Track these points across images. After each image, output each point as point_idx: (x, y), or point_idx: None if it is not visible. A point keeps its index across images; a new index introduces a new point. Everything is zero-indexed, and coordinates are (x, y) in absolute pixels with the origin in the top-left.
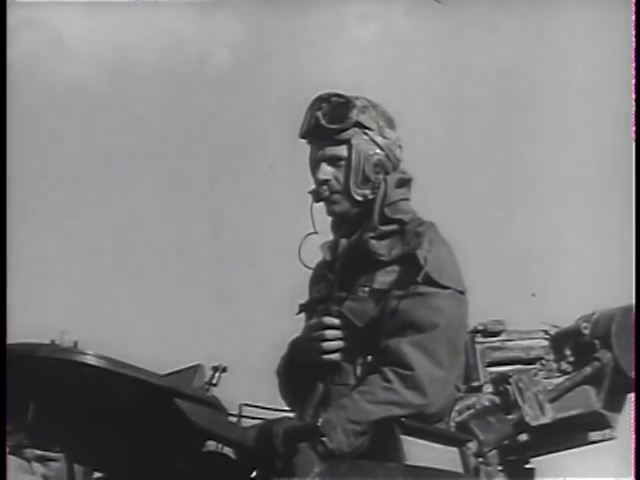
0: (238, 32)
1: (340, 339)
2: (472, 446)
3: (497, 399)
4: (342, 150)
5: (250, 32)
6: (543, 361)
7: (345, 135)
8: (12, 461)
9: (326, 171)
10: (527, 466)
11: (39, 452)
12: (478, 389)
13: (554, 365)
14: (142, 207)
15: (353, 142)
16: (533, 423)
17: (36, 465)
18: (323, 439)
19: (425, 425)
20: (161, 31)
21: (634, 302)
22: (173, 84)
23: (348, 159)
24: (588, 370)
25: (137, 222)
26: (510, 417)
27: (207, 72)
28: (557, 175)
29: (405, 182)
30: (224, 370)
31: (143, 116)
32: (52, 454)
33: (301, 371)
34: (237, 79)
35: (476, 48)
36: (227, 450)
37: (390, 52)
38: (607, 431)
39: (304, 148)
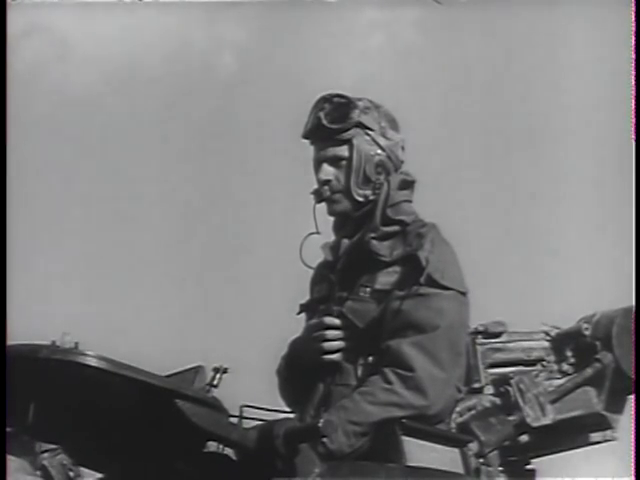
0: (244, 37)
1: (341, 339)
2: (473, 447)
3: (498, 400)
4: (343, 150)
5: (257, 37)
6: (544, 362)
7: (346, 135)
8: (12, 461)
9: (327, 171)
10: (528, 467)
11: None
12: (479, 390)
13: (555, 366)
14: (143, 208)
15: (354, 142)
16: (534, 424)
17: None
18: (324, 440)
19: (426, 426)
20: (167, 35)
21: (634, 303)
22: (179, 88)
23: (349, 159)
24: (589, 371)
25: (138, 223)
26: (511, 418)
27: (213, 76)
28: (557, 176)
29: (408, 184)
30: (225, 371)
31: (148, 119)
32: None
33: (302, 371)
34: (243, 83)
35: (478, 51)
36: (228, 451)
37: (394, 56)
38: (608, 432)
39: (307, 149)
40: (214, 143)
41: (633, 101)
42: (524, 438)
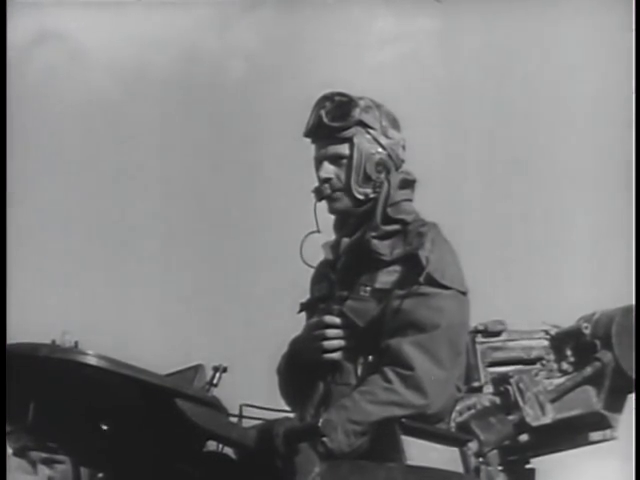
0: (255, 41)
1: (341, 338)
2: (473, 446)
3: (498, 399)
4: (344, 148)
5: (266, 41)
6: (544, 361)
7: (347, 133)
8: (12, 461)
9: (328, 169)
10: (528, 466)
11: (45, 455)
12: (479, 389)
13: (555, 365)
14: (143, 208)
15: (355, 140)
16: (534, 423)
17: (42, 467)
18: (323, 439)
19: (426, 425)
20: (177, 38)
21: (634, 302)
22: (188, 91)
23: (350, 157)
24: (589, 370)
25: (138, 222)
26: (511, 417)
27: (223, 79)
28: (558, 176)
29: (409, 183)
30: (225, 370)
31: (153, 123)
32: (58, 457)
33: (302, 370)
34: (250, 86)
35: (479, 52)
36: (227, 450)
37: (399, 58)
38: (608, 431)
39: (309, 148)
40: (217, 144)
41: (633, 101)
42: (524, 437)
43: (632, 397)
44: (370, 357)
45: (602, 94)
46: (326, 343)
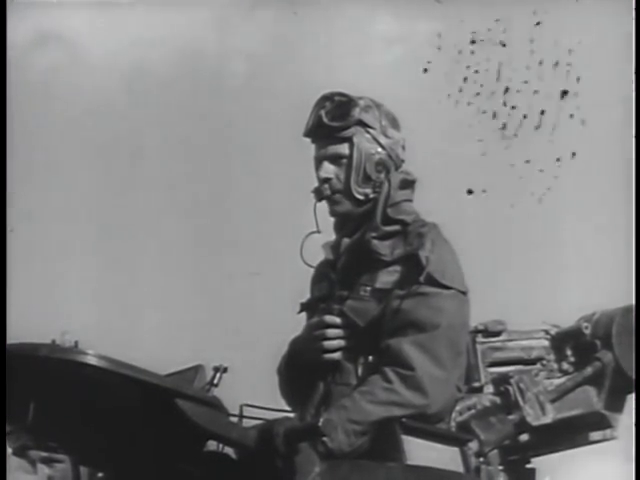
0: (255, 42)
1: (341, 338)
2: (473, 446)
3: (498, 399)
4: (344, 148)
5: (267, 43)
6: (544, 361)
7: (347, 133)
8: (12, 461)
9: (328, 169)
10: (528, 466)
11: (44, 454)
12: (479, 389)
13: (555, 365)
14: (143, 208)
15: (355, 140)
16: (534, 423)
17: (41, 466)
18: (324, 439)
19: (426, 425)
20: (177, 41)
21: (634, 302)
22: (188, 91)
23: (349, 157)
24: (589, 370)
25: (138, 222)
26: (511, 417)
27: (223, 79)
28: (557, 176)
29: (409, 183)
30: (225, 370)
31: (153, 123)
32: (57, 455)
33: (302, 370)
34: (251, 90)
35: (479, 54)
36: (228, 450)
37: (399, 58)
38: (608, 431)
39: (309, 148)
40: (217, 144)
41: (634, 101)
42: (524, 437)
43: (632, 397)
44: (370, 357)
45: (602, 94)
46: (326, 343)
